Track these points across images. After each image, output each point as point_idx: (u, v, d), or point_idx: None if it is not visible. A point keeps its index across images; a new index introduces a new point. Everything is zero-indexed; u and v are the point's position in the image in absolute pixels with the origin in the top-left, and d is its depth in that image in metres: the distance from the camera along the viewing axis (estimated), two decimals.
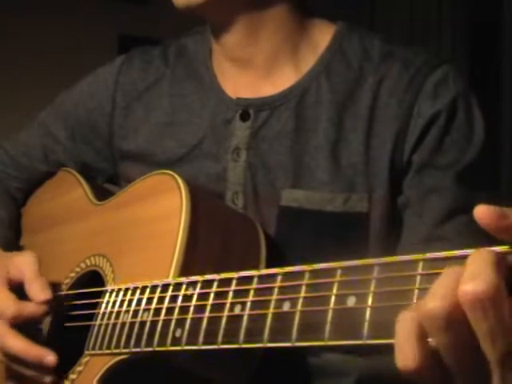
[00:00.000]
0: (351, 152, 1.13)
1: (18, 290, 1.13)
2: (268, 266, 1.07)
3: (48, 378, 1.09)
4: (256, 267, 1.06)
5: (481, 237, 1.05)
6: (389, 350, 1.10)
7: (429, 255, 0.65)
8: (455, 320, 0.61)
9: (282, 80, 1.20)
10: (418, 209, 1.11)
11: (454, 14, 3.01)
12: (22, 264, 1.14)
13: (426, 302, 0.62)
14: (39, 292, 1.10)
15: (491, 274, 0.60)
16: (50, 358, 1.08)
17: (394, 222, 1.13)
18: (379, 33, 1.25)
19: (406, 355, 0.64)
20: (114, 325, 1.01)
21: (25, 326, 1.11)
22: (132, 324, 0.98)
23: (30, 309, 1.10)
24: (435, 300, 0.62)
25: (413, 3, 3.15)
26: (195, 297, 0.89)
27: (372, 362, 1.14)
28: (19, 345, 1.09)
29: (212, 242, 1.05)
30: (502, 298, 0.60)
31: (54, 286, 1.16)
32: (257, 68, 1.21)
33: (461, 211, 1.09)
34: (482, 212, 0.62)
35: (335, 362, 1.14)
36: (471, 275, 0.60)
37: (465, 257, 0.62)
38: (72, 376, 1.09)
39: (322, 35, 1.21)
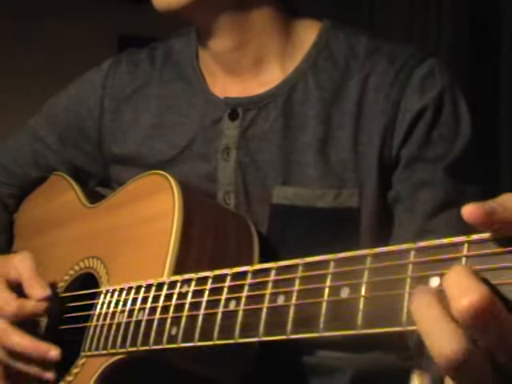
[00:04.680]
0: (340, 148, 1.14)
1: (17, 291, 1.14)
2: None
3: (50, 374, 1.10)
4: (249, 265, 1.07)
5: (471, 229, 1.07)
6: (383, 343, 1.11)
7: (420, 244, 0.66)
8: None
9: (270, 78, 1.20)
10: (408, 203, 1.12)
11: (453, 13, 3.02)
12: (19, 264, 1.15)
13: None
14: (38, 290, 1.11)
15: (478, 284, 0.59)
16: (54, 352, 1.08)
17: (385, 217, 1.14)
18: (379, 33, 1.27)
19: (440, 341, 0.60)
20: (110, 325, 1.02)
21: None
22: (128, 324, 0.98)
23: (30, 306, 1.11)
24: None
25: (413, 3, 3.16)
26: (190, 294, 0.89)
27: (366, 358, 1.15)
28: (25, 341, 1.10)
29: (205, 241, 1.05)
30: (498, 306, 0.59)
31: (51, 286, 1.16)
32: (244, 68, 1.21)
33: (451, 204, 1.10)
34: (470, 211, 0.61)
35: (329, 359, 1.14)
36: (460, 291, 0.59)
37: (455, 244, 0.63)
38: (68, 378, 1.09)
39: (308, 33, 1.21)
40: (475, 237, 0.62)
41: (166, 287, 0.94)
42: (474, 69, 2.90)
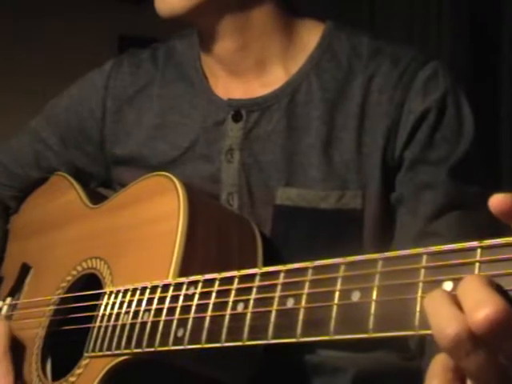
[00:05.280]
0: (343, 149, 1.14)
1: None
2: (265, 265, 1.08)
3: None
4: (253, 266, 1.07)
5: (472, 232, 1.07)
6: (385, 342, 1.10)
7: (432, 248, 0.65)
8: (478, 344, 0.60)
9: (273, 80, 1.20)
10: (411, 205, 1.12)
11: (453, 13, 3.03)
12: None
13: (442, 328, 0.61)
14: (2, 377, 1.13)
15: (493, 296, 0.59)
16: None
17: (388, 220, 1.14)
18: (379, 33, 1.27)
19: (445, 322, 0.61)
20: (114, 326, 1.01)
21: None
22: (132, 325, 0.98)
23: None
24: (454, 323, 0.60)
25: (413, 3, 3.16)
26: (197, 296, 0.89)
27: (368, 358, 1.15)
28: None
29: (209, 242, 1.05)
30: None
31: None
32: (246, 69, 1.21)
33: (453, 206, 1.10)
34: (498, 200, 0.60)
35: (332, 358, 1.14)
36: (475, 303, 0.59)
37: (467, 249, 0.62)
38: (71, 379, 1.08)
39: (311, 34, 1.21)
40: (488, 242, 0.62)
41: (171, 289, 0.94)
42: (474, 69, 2.91)
